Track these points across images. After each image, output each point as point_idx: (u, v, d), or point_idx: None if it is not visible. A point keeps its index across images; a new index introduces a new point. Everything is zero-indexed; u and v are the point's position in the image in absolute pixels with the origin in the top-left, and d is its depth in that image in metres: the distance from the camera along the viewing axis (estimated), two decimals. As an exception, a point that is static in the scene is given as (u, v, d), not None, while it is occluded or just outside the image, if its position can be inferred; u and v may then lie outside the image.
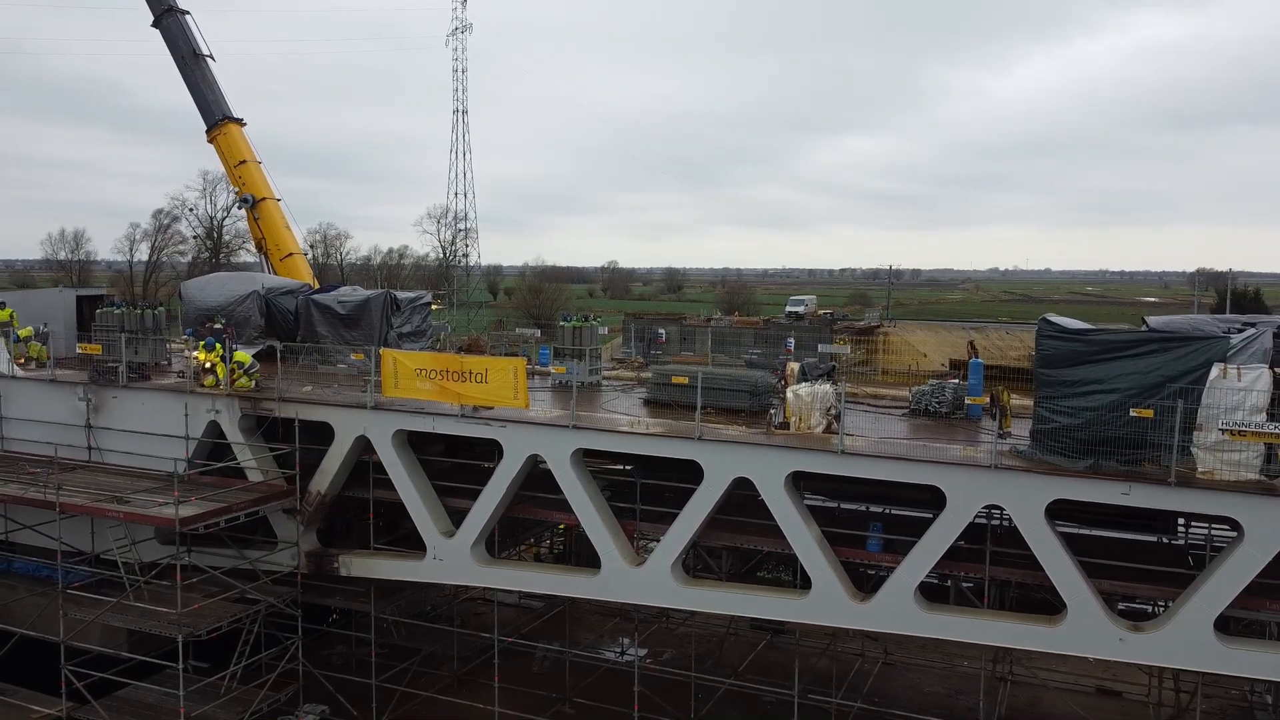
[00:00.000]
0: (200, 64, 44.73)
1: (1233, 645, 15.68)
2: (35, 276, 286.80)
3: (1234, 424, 15.40)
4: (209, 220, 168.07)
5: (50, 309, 32.28)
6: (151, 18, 45.06)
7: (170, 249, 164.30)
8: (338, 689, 23.35)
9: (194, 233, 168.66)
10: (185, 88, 45.48)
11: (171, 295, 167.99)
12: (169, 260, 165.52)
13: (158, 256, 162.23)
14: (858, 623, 18.45)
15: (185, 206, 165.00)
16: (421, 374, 21.02)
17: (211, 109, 44.66)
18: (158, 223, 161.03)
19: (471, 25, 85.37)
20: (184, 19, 44.78)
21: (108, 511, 20.47)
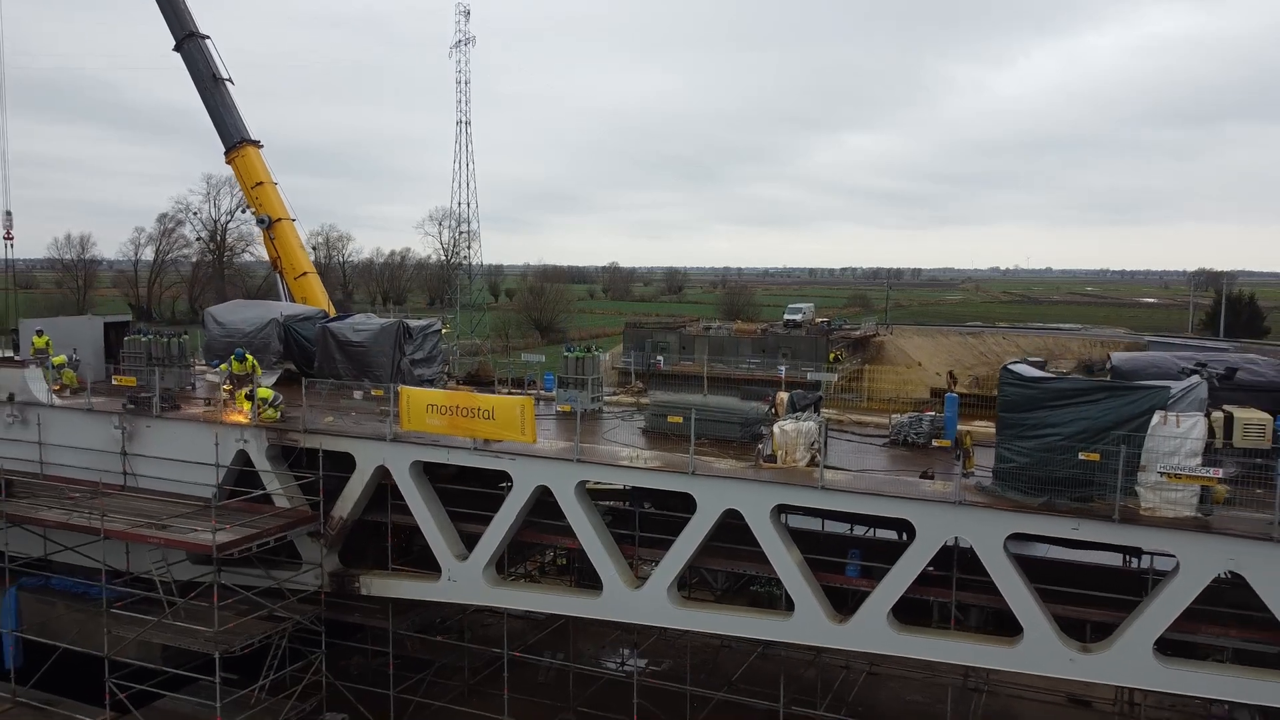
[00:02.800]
0: (220, 88, 46.50)
1: (1170, 665, 17.50)
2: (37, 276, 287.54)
3: (1171, 467, 17.20)
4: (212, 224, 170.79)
5: (79, 336, 34.14)
6: (173, 42, 46.92)
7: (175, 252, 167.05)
8: (357, 699, 25.18)
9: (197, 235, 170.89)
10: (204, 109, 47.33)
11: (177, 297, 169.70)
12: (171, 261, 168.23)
13: (162, 260, 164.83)
14: (836, 642, 20.25)
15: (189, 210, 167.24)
16: (435, 410, 22.85)
17: (230, 132, 46.49)
18: (162, 226, 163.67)
19: (475, 38, 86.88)
20: (204, 43, 46.57)
21: (150, 538, 22.32)
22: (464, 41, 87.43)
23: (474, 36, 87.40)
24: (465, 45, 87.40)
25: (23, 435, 27.92)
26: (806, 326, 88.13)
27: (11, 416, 28.04)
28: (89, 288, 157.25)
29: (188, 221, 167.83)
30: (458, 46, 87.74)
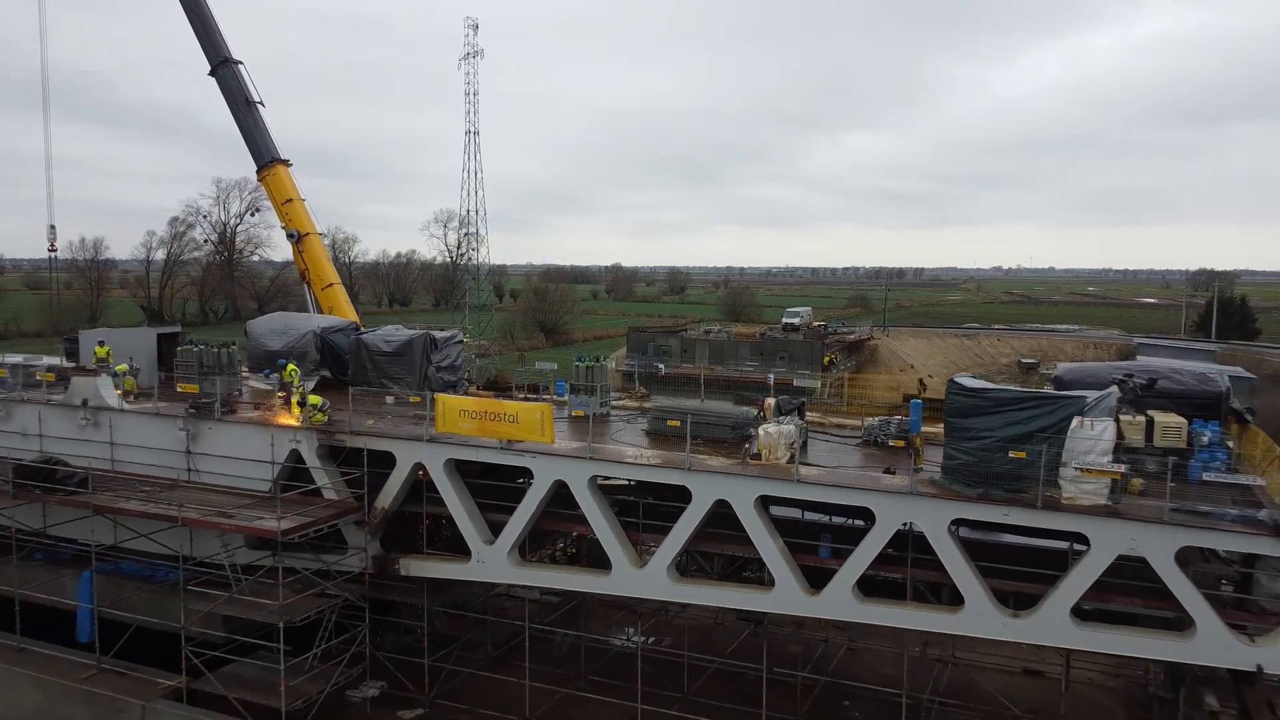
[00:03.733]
0: (252, 110, 50.13)
1: (1084, 628, 21.15)
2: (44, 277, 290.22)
3: (1086, 464, 20.84)
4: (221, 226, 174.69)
5: (135, 346, 37.87)
6: (209, 67, 50.54)
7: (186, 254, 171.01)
8: (395, 667, 28.85)
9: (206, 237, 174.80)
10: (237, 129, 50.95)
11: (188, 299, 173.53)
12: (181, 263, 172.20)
13: (174, 263, 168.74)
14: (810, 612, 23.91)
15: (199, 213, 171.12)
16: (467, 414, 26.53)
17: (262, 151, 50.12)
18: (173, 230, 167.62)
19: (483, 51, 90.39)
20: (238, 69, 50.19)
21: (222, 525, 26.02)
22: (473, 54, 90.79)
23: (482, 49, 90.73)
24: (474, 57, 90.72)
25: (95, 436, 31.58)
26: (804, 330, 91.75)
27: (85, 419, 31.72)
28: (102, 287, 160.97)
29: (198, 224, 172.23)
30: (466, 59, 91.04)
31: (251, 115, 50.18)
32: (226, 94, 50.41)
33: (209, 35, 50.28)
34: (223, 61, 49.99)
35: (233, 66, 50.13)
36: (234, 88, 50.03)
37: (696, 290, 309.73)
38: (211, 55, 50.26)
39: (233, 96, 50.24)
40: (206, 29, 50.21)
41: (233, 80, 50.05)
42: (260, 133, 50.29)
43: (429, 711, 28.30)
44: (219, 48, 50.09)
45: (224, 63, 50.01)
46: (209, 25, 50.19)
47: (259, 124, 50.34)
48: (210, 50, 50.30)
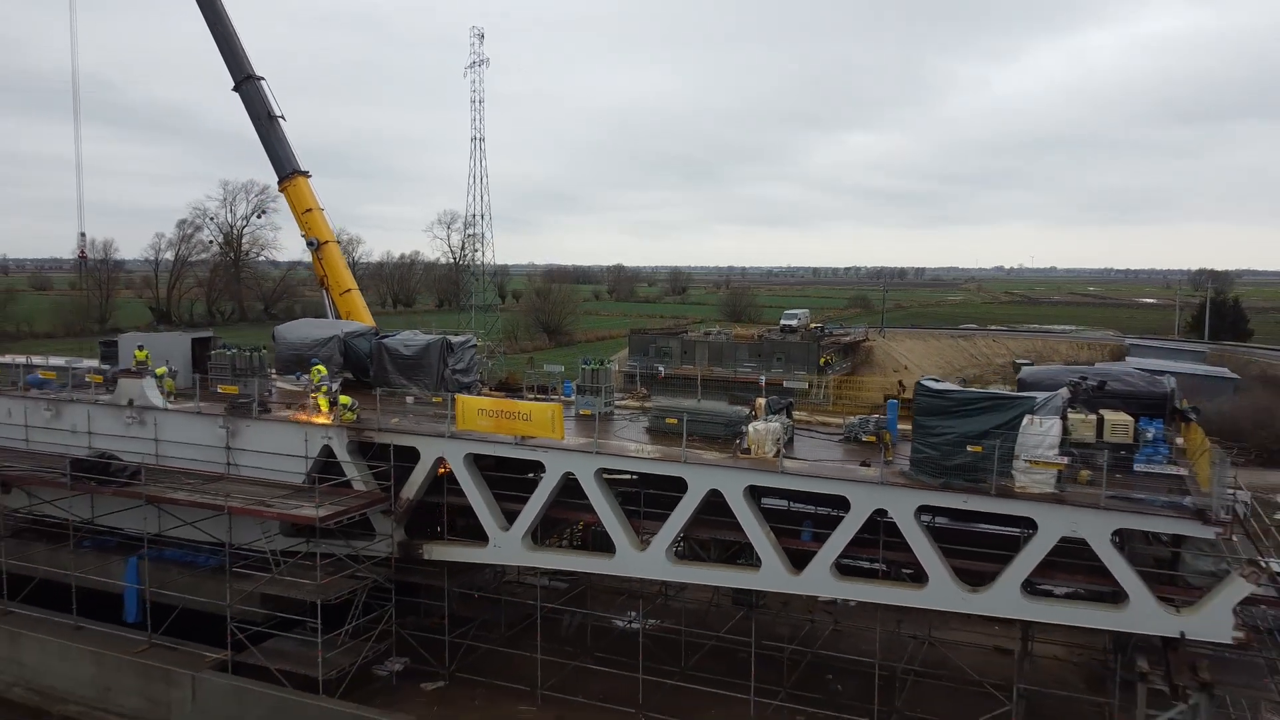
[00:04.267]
0: (274, 124, 53.01)
1: (1032, 601, 24.07)
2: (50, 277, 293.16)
3: (1034, 456, 23.75)
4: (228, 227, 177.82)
5: (171, 350, 40.76)
6: (232, 83, 53.45)
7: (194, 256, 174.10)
8: (418, 644, 31.76)
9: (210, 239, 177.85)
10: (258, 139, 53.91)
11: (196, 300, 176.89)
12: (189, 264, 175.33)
13: (182, 264, 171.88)
14: (792, 589, 26.82)
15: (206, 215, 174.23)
16: (484, 413, 29.47)
17: (284, 163, 53.02)
18: (181, 232, 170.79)
19: (489, 60, 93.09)
20: (260, 85, 53.08)
21: (265, 513, 28.97)
22: (478, 62, 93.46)
23: (488, 58, 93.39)
24: (480, 65, 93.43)
25: (140, 433, 34.52)
26: (801, 332, 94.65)
27: (131, 418, 34.67)
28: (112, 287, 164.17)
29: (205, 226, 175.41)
30: (473, 66, 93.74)
31: (273, 129, 53.08)
32: (249, 108, 53.27)
33: (233, 52, 53.15)
34: (246, 78, 52.86)
35: (255, 82, 53.00)
36: (256, 103, 52.93)
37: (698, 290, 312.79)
38: (235, 72, 53.11)
39: (255, 111, 53.13)
40: (230, 46, 53.06)
41: (255, 96, 52.94)
42: (281, 145, 53.19)
43: (449, 684, 31.21)
44: (242, 65, 52.97)
45: (247, 79, 52.87)
46: (232, 43, 53.05)
47: (280, 137, 53.24)
48: (234, 67, 53.14)
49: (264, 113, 52.84)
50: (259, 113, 52.99)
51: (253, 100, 52.94)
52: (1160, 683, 22.99)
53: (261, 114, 52.84)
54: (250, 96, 52.96)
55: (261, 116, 52.84)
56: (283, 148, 53.11)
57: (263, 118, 52.86)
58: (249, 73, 52.94)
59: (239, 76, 53.02)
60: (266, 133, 53.06)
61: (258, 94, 52.88)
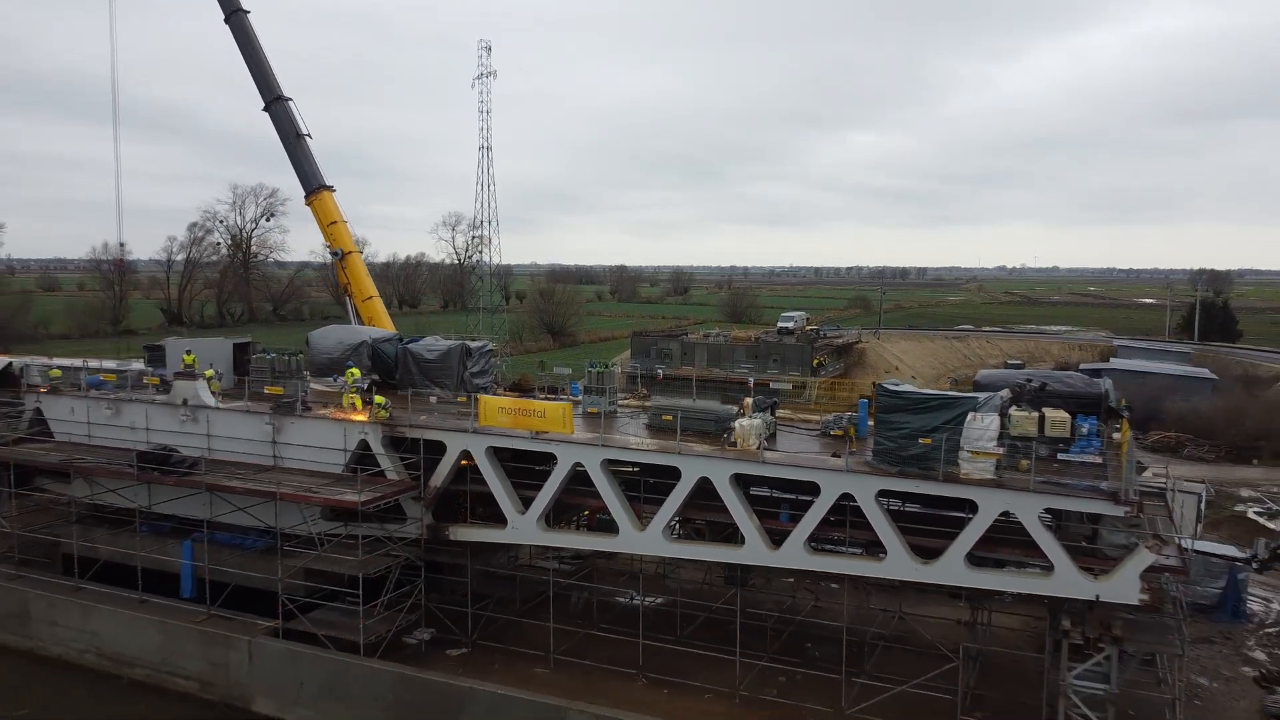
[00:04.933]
0: (301, 142, 57.41)
1: (974, 570, 28.38)
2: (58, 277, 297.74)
3: (976, 447, 28.05)
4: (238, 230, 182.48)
5: (214, 354, 45.19)
6: (263, 103, 57.82)
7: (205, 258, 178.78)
8: (444, 617, 36.10)
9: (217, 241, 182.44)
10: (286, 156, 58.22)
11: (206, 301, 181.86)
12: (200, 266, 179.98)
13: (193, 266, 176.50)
14: (771, 562, 31.08)
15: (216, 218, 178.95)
16: (503, 411, 33.84)
17: (310, 179, 57.43)
18: (192, 235, 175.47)
19: (496, 72, 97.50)
20: (288, 105, 57.44)
21: (314, 498, 33.34)
22: (486, 74, 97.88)
23: (495, 70, 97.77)
24: (487, 78, 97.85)
25: (194, 429, 38.89)
26: (797, 334, 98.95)
27: (185, 415, 39.06)
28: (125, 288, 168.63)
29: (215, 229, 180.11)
30: (481, 78, 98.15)
31: (300, 146, 57.51)
32: (278, 127, 57.69)
33: (262, 75, 57.59)
34: (275, 99, 57.30)
35: (284, 103, 57.43)
36: (285, 122, 57.37)
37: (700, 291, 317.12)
38: (265, 93, 57.53)
39: (284, 129, 57.56)
40: (260, 69, 57.51)
41: (284, 115, 57.39)
42: (308, 161, 57.60)
43: (471, 651, 35.53)
44: (272, 86, 57.42)
45: (276, 99, 57.32)
46: (262, 66, 57.49)
47: (307, 154, 57.67)
48: (264, 88, 57.58)
49: (292, 132, 57.23)
50: (287, 131, 57.37)
51: (282, 120, 57.36)
52: (1079, 639, 27.24)
53: (290, 133, 57.22)
54: (279, 117, 57.37)
55: (290, 135, 57.23)
56: (309, 164, 57.50)
57: (291, 136, 57.25)
58: (278, 94, 57.35)
59: (269, 98, 57.39)
60: (294, 150, 57.43)
61: (286, 114, 57.30)
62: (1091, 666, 27.03)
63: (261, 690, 33.83)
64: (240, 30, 57.26)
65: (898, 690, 30.81)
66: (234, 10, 57.28)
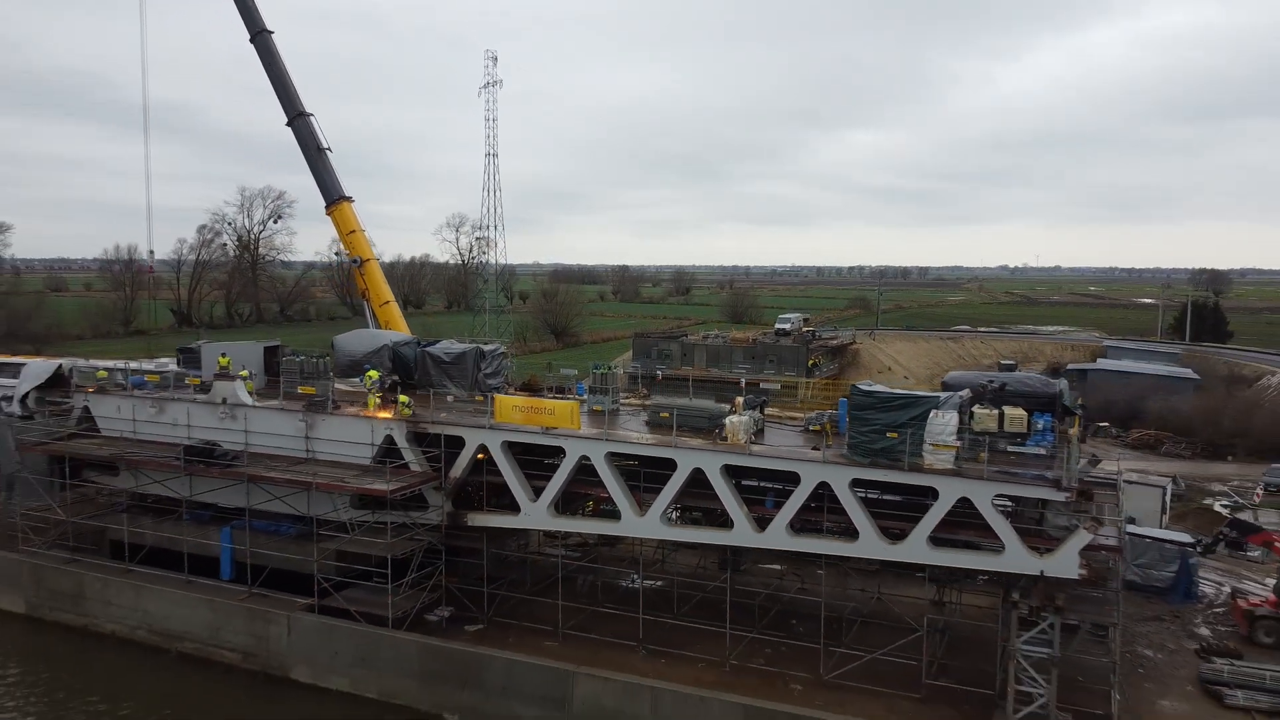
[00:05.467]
0: (322, 155, 61.22)
1: (935, 549, 32.25)
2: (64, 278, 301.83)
3: (937, 441, 31.91)
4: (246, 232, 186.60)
5: (246, 357, 49.09)
6: (286, 119, 61.62)
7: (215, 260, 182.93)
8: (462, 596, 39.99)
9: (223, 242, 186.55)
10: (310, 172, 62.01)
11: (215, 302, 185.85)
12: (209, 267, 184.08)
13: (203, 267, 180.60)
14: (756, 544, 34.96)
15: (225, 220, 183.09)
16: (517, 409, 37.75)
17: (331, 190, 61.25)
18: (201, 237, 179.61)
19: (502, 81, 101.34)
20: (310, 120, 61.25)
21: (347, 487, 37.25)
22: (492, 83, 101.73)
23: (501, 80, 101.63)
24: (493, 87, 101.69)
25: (232, 426, 42.81)
26: (794, 335, 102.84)
27: (224, 413, 42.98)
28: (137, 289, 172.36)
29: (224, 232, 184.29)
30: (487, 87, 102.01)
31: (321, 160, 61.36)
32: (301, 141, 61.52)
33: (286, 93, 61.44)
34: (298, 115, 61.17)
35: (306, 119, 61.27)
36: (307, 137, 61.22)
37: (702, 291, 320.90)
38: (288, 109, 61.38)
39: (306, 144, 61.42)
40: (284, 87, 61.36)
41: (306, 131, 61.24)
42: (329, 174, 61.45)
43: (487, 626, 39.39)
44: (295, 103, 61.28)
45: (299, 116, 61.19)
46: (286, 84, 61.35)
47: (328, 166, 61.52)
48: (287, 105, 61.43)
49: (313, 145, 61.11)
50: (309, 146, 61.25)
51: (304, 135, 61.23)
52: (1026, 610, 31.07)
53: (311, 147, 61.11)
54: (302, 132, 61.25)
55: (311, 149, 61.11)
56: (330, 176, 61.36)
57: (312, 150, 61.13)
58: (300, 110, 61.21)
59: (292, 114, 61.24)
60: (315, 163, 61.30)
61: (308, 129, 61.18)
62: (1037, 634, 30.86)
63: (299, 660, 37.81)
64: (265, 50, 61.09)
65: (869, 658, 34.72)
66: (259, 31, 61.12)
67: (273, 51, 61.18)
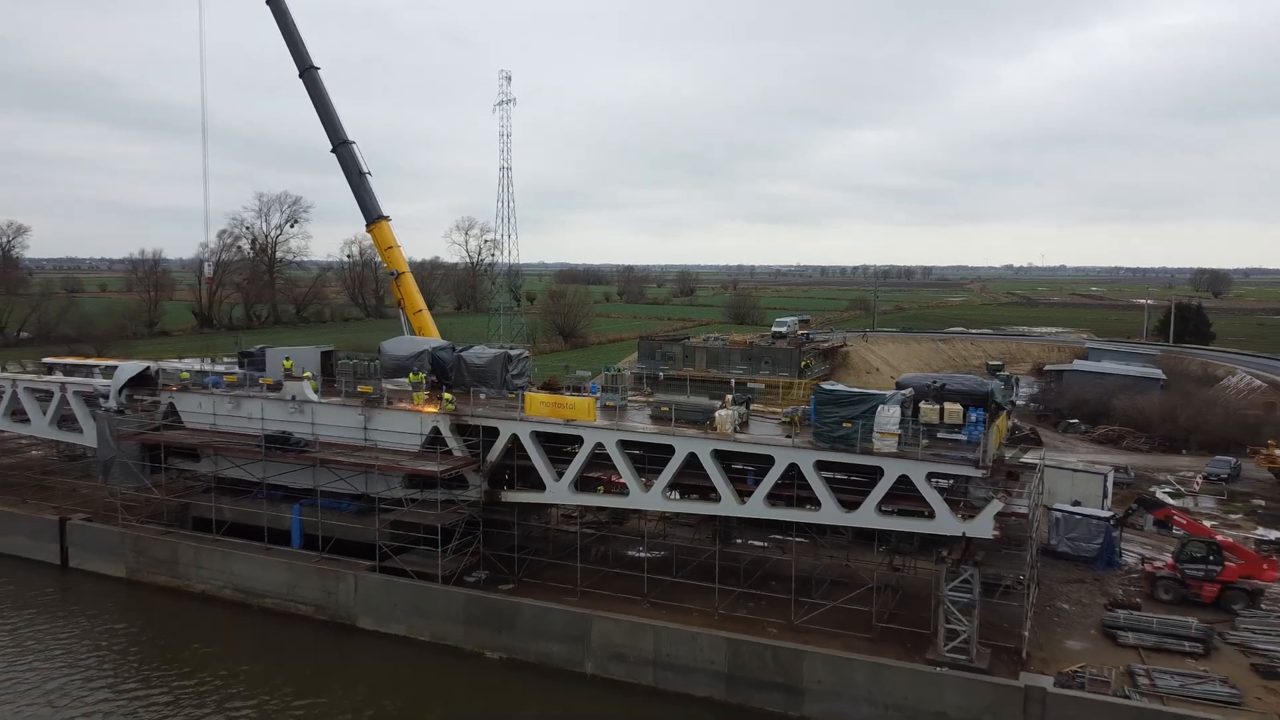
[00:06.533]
0: (363, 179, 69.86)
1: (885, 519, 40.75)
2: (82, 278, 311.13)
3: (883, 430, 40.43)
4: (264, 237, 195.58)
5: (305, 360, 57.70)
6: (331, 146, 70.21)
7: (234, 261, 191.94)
8: (496, 560, 48.57)
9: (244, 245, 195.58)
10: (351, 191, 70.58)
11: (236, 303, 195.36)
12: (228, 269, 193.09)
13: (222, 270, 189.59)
14: (738, 513, 43.49)
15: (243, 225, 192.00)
16: (543, 405, 46.37)
17: (371, 210, 69.91)
18: (222, 242, 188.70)
19: (515, 99, 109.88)
20: (353, 148, 69.86)
21: (405, 468, 45.87)
22: (506, 101, 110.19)
23: (515, 98, 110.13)
24: (507, 104, 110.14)
25: (300, 419, 51.43)
26: (790, 338, 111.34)
27: (293, 408, 51.61)
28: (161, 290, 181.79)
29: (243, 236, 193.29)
30: (501, 105, 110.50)
31: (363, 183, 70.02)
32: (344, 166, 70.17)
33: (331, 122, 70.11)
34: (342, 143, 69.84)
35: (349, 146, 69.93)
36: (350, 162, 69.91)
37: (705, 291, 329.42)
38: (333, 137, 70.06)
39: (348, 169, 70.09)
40: (330, 118, 70.03)
41: (349, 157, 69.92)
42: (369, 195, 70.11)
43: (517, 586, 47.90)
44: (339, 132, 69.97)
45: (343, 144, 69.86)
46: (331, 115, 70.03)
47: (368, 189, 70.18)
48: (332, 134, 70.11)
49: (356, 170, 69.78)
50: (351, 170, 69.92)
51: (347, 161, 69.93)
52: (952, 564, 39.53)
53: (354, 171, 69.79)
54: (345, 158, 69.94)
55: (354, 173, 69.79)
56: (370, 198, 70.03)
57: (355, 174, 69.81)
58: (344, 138, 69.92)
59: (336, 141, 69.93)
60: (357, 186, 69.96)
61: (351, 156, 69.87)
62: (960, 583, 39.34)
63: (364, 611, 46.51)
64: (313, 85, 69.76)
65: (831, 606, 43.22)
66: (307, 68, 69.78)
67: (320, 87, 69.80)
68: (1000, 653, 39.91)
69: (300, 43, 69.75)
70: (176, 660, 44.18)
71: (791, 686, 39.00)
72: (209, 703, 39.72)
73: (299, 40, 69.71)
